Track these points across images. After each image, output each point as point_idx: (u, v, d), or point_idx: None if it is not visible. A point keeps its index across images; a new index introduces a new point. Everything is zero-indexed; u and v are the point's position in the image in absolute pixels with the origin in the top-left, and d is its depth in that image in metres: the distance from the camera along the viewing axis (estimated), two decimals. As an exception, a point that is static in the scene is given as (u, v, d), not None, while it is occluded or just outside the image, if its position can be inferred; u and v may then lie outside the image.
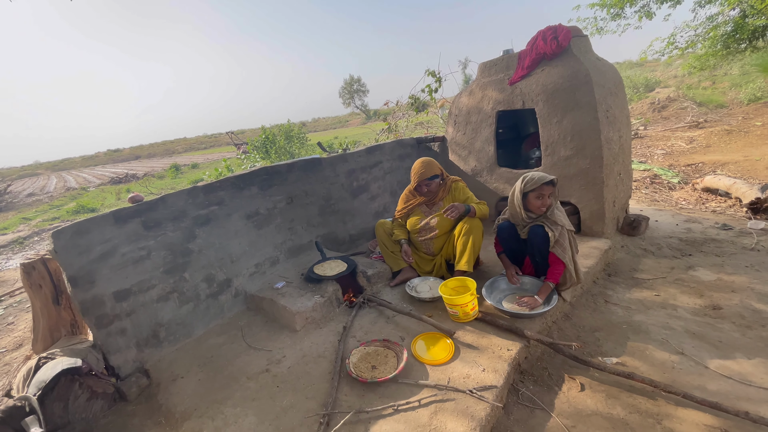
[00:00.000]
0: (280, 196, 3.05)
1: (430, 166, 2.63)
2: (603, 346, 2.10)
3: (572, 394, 1.80)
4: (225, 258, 2.70)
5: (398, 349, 2.00)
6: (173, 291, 2.44)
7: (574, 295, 2.51)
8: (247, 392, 1.94)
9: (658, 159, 6.79)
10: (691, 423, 1.57)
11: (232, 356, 2.26)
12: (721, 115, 9.72)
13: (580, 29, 3.22)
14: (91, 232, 2.10)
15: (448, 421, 1.57)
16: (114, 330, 2.18)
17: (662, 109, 11.54)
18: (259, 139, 11.95)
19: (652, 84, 16.27)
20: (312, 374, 1.98)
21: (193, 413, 1.87)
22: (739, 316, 2.23)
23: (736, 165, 5.61)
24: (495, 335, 2.07)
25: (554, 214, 2.24)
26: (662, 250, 3.15)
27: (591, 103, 2.90)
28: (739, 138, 7.20)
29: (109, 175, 24.07)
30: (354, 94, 53.42)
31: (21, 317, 4.11)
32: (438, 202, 2.69)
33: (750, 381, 1.75)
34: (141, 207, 2.32)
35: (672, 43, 10.17)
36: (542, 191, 2.22)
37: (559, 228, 2.20)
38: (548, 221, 2.24)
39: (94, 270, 2.11)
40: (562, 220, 2.24)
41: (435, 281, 2.63)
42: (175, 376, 2.17)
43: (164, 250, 2.40)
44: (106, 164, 45.76)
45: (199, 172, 17.52)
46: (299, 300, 2.48)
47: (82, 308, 2.08)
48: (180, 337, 2.46)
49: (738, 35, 9.07)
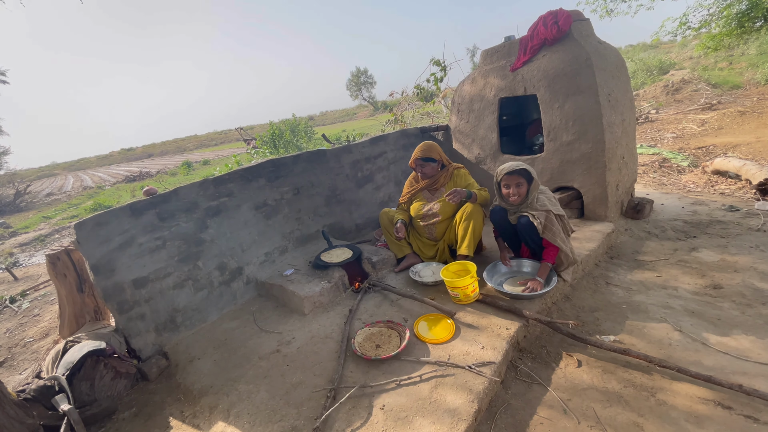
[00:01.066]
0: (286, 188, 3.14)
1: (429, 149, 2.70)
2: (602, 325, 2.15)
3: (569, 370, 1.86)
4: (236, 247, 2.82)
5: (401, 330, 2.09)
6: (188, 279, 2.56)
7: (575, 277, 2.56)
8: (259, 371, 2.06)
9: (669, 143, 6.69)
10: (685, 396, 1.63)
11: (244, 339, 2.38)
12: (736, 97, 9.46)
13: (581, 13, 3.21)
14: (110, 223, 2.23)
15: (448, 394, 1.66)
16: (134, 315, 2.32)
17: (676, 92, 11.27)
18: (267, 134, 12.11)
19: (666, 66, 15.82)
20: (320, 354, 2.09)
21: (210, 390, 2.00)
22: (739, 295, 2.26)
23: (748, 146, 5.51)
24: (495, 315, 2.14)
25: (539, 200, 2.28)
26: (666, 233, 3.16)
27: (592, 88, 2.91)
28: (752, 119, 7.03)
29: (123, 174, 24.62)
30: (361, 86, 53.18)
31: (46, 309, 4.33)
32: (440, 189, 2.75)
33: (747, 356, 1.79)
34: (155, 199, 2.44)
35: (684, 23, 9.87)
36: (508, 181, 2.28)
37: (543, 214, 2.24)
38: (531, 209, 2.28)
39: (114, 259, 2.24)
40: (548, 206, 2.28)
41: (438, 266, 2.70)
42: (192, 357, 2.30)
43: (178, 240, 2.52)
44: (120, 163, 46.76)
45: (210, 168, 17.81)
46: (307, 286, 2.58)
47: (104, 295, 2.22)
48: (196, 322, 2.59)
49: (752, 13, 8.77)
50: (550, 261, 2.30)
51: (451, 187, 2.72)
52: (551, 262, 2.30)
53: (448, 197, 2.52)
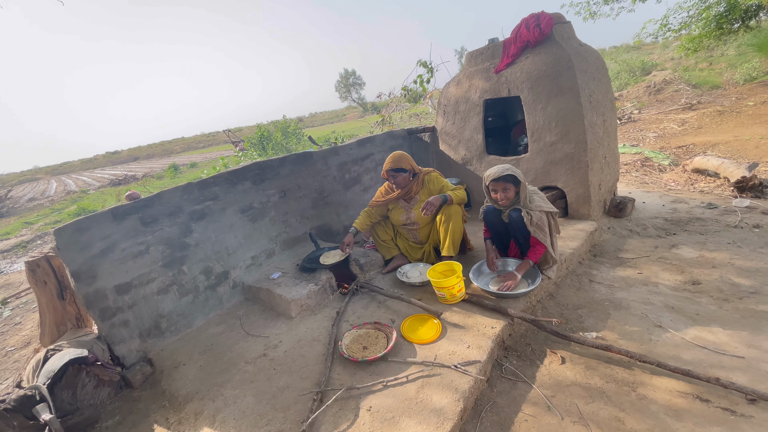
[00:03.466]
0: (273, 190, 3.13)
1: (398, 160, 2.69)
2: (585, 322, 2.19)
3: (553, 367, 1.89)
4: (222, 251, 2.79)
5: (388, 331, 2.10)
6: (173, 284, 2.53)
7: (559, 275, 2.60)
8: (245, 375, 2.04)
9: (650, 142, 6.84)
10: (664, 390, 1.67)
11: (231, 343, 2.36)
12: (715, 96, 9.71)
13: (562, 16, 3.26)
14: (91, 228, 2.19)
15: (434, 393, 1.67)
16: (117, 322, 2.28)
17: (658, 93, 11.52)
18: (255, 136, 12.02)
19: (648, 67, 16.16)
20: (307, 357, 2.09)
21: (195, 396, 1.98)
22: (717, 290, 2.32)
23: (726, 145, 5.66)
24: (480, 315, 2.16)
25: (533, 200, 2.32)
26: (647, 230, 3.23)
27: (574, 89, 2.96)
28: (730, 118, 7.22)
29: (108, 177, 24.18)
30: (350, 88, 53.16)
31: (28, 317, 4.23)
32: (414, 196, 2.77)
33: (724, 350, 1.84)
34: (138, 204, 2.41)
35: (665, 25, 10.14)
36: (495, 186, 2.32)
37: (538, 214, 2.29)
38: (526, 208, 2.32)
39: (95, 265, 2.20)
40: (541, 205, 2.32)
41: (425, 267, 2.72)
42: (178, 363, 2.27)
43: (162, 245, 2.49)
44: (105, 167, 45.89)
45: (197, 171, 17.59)
46: (294, 289, 2.57)
47: (85, 302, 2.18)
48: (181, 327, 2.56)
49: (730, 15, 9.04)
50: (533, 259, 2.33)
51: (425, 193, 2.74)
52: (534, 260, 2.33)
53: (423, 212, 2.53)
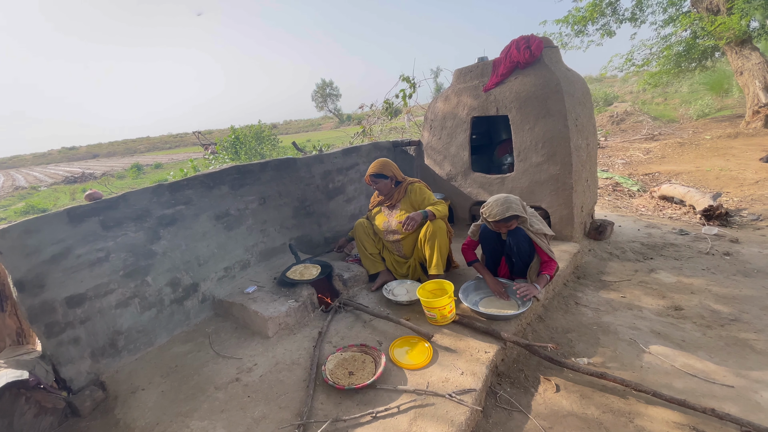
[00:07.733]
0: (252, 197, 2.94)
1: (382, 166, 2.68)
2: (575, 347, 2.14)
3: (548, 396, 1.82)
4: (192, 261, 2.56)
5: (376, 354, 1.95)
6: (134, 296, 2.27)
7: (546, 296, 2.56)
8: (215, 403, 1.83)
9: (619, 168, 7.15)
10: (661, 421, 1.62)
11: (198, 365, 2.13)
12: (674, 129, 10.40)
13: (551, 40, 3.34)
14: (41, 231, 1.93)
15: (428, 426, 1.54)
16: (66, 339, 2.00)
17: (620, 122, 12.22)
18: (228, 139, 11.58)
19: (610, 98, 17.24)
20: (286, 383, 1.90)
21: (155, 428, 1.74)
22: (699, 317, 2.35)
23: (688, 175, 5.99)
24: (472, 338, 2.06)
25: (533, 224, 2.31)
26: (626, 254, 3.29)
27: (561, 112, 3.00)
28: (690, 150, 7.71)
29: (63, 174, 22.60)
30: (327, 98, 53.25)
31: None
32: (396, 204, 2.73)
33: (713, 379, 1.83)
34: (99, 205, 2.16)
35: (630, 60, 10.82)
36: (498, 226, 2.27)
37: (542, 236, 2.30)
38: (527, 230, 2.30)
39: (44, 273, 1.93)
40: (541, 228, 2.33)
41: (412, 284, 2.61)
42: (135, 387, 2.01)
43: (125, 252, 2.24)
44: (60, 162, 43.01)
45: (163, 173, 16.77)
46: (272, 305, 2.38)
47: (29, 315, 1.90)
48: (141, 345, 2.29)
49: (689, 55, 9.77)
50: (549, 273, 2.31)
51: (406, 203, 2.69)
52: (550, 275, 2.31)
53: (404, 227, 2.47)
